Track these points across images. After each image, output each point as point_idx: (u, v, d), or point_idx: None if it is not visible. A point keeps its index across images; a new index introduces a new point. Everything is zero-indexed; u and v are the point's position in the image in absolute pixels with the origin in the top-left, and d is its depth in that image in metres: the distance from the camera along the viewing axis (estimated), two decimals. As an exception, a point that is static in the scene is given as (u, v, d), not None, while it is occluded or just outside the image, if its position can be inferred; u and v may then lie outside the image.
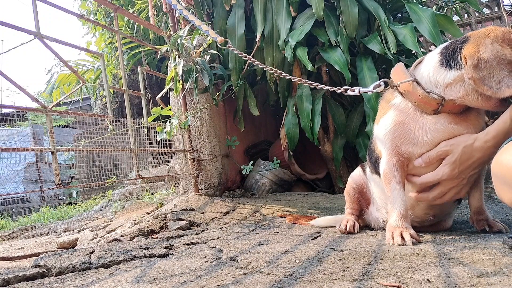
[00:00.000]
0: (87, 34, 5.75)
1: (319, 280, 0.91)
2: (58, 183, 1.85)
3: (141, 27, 4.53)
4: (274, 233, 1.66)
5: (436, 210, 1.38)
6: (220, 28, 3.09)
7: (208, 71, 2.72)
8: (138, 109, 5.50)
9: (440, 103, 1.17)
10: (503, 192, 1.03)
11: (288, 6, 2.82)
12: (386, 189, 1.29)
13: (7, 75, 1.67)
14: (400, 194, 1.25)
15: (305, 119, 2.87)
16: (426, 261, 0.98)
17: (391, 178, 1.26)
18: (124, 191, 3.98)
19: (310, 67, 2.68)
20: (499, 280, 0.79)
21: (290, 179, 3.27)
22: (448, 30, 2.75)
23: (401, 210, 1.24)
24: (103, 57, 2.42)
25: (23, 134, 7.97)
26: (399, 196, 1.25)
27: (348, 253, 1.16)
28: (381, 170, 1.31)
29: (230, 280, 0.96)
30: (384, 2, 2.93)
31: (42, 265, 1.24)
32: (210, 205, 2.49)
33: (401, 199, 1.25)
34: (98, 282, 1.05)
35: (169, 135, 2.67)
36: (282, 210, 2.32)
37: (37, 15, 1.82)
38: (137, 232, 1.88)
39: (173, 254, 1.36)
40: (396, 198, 1.25)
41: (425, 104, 1.18)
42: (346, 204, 1.64)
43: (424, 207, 1.36)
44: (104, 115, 2.53)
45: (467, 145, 1.15)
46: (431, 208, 1.36)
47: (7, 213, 6.19)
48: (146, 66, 4.58)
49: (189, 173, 2.86)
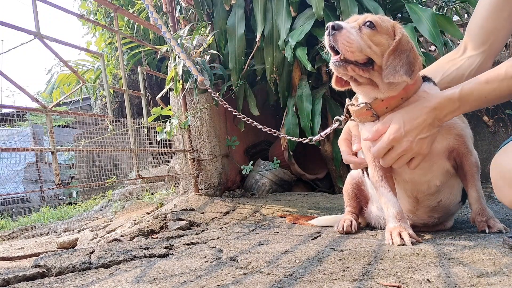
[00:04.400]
0: (87, 34, 5.75)
1: (319, 280, 0.91)
2: (58, 183, 1.85)
3: (141, 27, 4.53)
4: (274, 233, 1.66)
5: (441, 212, 1.39)
6: (220, 28, 3.09)
7: (208, 71, 2.72)
8: (138, 109, 5.50)
9: (369, 108, 1.23)
10: (503, 193, 1.03)
11: (288, 6, 2.82)
12: (378, 197, 1.34)
13: (7, 75, 1.67)
14: (390, 198, 1.28)
15: (305, 119, 2.87)
16: (426, 261, 0.98)
17: (378, 186, 1.31)
18: (124, 191, 3.98)
19: (309, 67, 2.68)
20: (499, 280, 0.79)
21: (290, 179, 3.27)
22: (448, 30, 2.75)
23: (396, 212, 1.26)
24: (103, 57, 2.42)
25: (23, 134, 7.97)
26: (390, 200, 1.28)
27: (348, 253, 1.16)
28: (370, 180, 1.37)
29: (230, 280, 0.96)
30: (384, 2, 2.93)
31: (42, 265, 1.24)
32: (210, 205, 2.49)
33: (392, 202, 1.27)
34: (98, 282, 1.05)
35: (169, 135, 2.68)
36: (282, 210, 2.32)
37: (37, 15, 1.82)
38: (137, 232, 1.88)
39: (173, 254, 1.36)
40: (388, 202, 1.28)
41: (362, 116, 1.28)
42: (346, 202, 1.64)
43: (427, 210, 1.37)
44: (104, 115, 2.53)
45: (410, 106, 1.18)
46: (435, 211, 1.37)
47: (7, 213, 6.19)
48: (146, 66, 4.59)
49: (189, 173, 2.86)
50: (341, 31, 1.16)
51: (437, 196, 1.34)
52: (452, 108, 1.13)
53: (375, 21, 1.19)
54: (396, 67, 1.15)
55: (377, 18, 1.22)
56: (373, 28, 1.19)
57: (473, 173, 1.27)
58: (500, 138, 3.57)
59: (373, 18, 1.20)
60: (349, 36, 1.15)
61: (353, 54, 1.16)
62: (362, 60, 1.18)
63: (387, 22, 1.23)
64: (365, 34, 1.19)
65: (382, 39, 1.19)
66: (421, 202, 1.36)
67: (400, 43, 1.18)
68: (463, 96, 1.11)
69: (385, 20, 1.23)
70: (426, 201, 1.35)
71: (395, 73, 1.14)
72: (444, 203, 1.36)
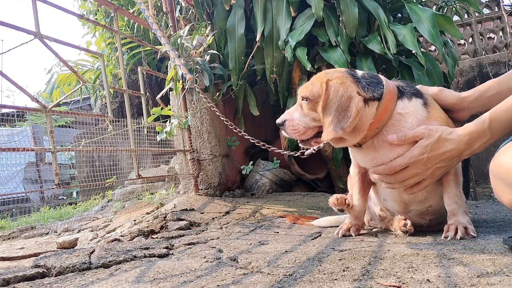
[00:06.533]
0: (87, 34, 5.76)
1: (319, 280, 0.91)
2: (58, 183, 1.85)
3: (141, 27, 4.53)
4: (274, 233, 1.66)
5: (431, 215, 1.39)
6: (220, 28, 3.09)
7: (208, 71, 2.72)
8: (138, 109, 5.50)
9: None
10: (502, 193, 1.03)
11: (288, 6, 2.82)
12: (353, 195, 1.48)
13: (7, 75, 1.67)
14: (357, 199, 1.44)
15: (305, 119, 2.86)
16: (426, 261, 0.98)
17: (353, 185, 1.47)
18: (124, 191, 3.98)
19: (309, 67, 2.68)
20: (499, 280, 0.79)
21: (290, 179, 3.27)
22: (448, 31, 2.75)
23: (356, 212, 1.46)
24: (103, 57, 2.42)
25: (23, 134, 7.98)
26: (356, 201, 1.44)
27: (348, 253, 1.16)
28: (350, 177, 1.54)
29: (230, 280, 0.96)
30: (384, 2, 2.93)
31: (42, 265, 1.24)
32: (210, 205, 2.49)
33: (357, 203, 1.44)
34: (98, 282, 1.05)
35: (169, 135, 2.68)
36: (282, 210, 2.32)
37: (37, 15, 1.82)
38: (137, 232, 1.88)
39: (173, 254, 1.36)
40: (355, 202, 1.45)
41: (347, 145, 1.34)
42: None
43: (418, 213, 1.38)
44: (104, 115, 2.53)
45: (443, 134, 1.15)
46: (425, 214, 1.38)
47: (7, 213, 6.19)
48: (146, 66, 4.59)
49: (189, 173, 2.86)
50: (285, 124, 1.32)
51: (425, 202, 1.35)
52: (483, 141, 1.12)
53: (305, 95, 1.27)
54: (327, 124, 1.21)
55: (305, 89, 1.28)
56: (308, 100, 1.27)
57: (449, 180, 1.26)
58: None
59: (303, 93, 1.28)
60: (292, 124, 1.30)
61: (305, 135, 1.29)
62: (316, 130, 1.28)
63: (315, 86, 1.26)
64: (305, 109, 1.28)
65: (318, 105, 1.24)
66: (410, 206, 1.37)
67: (326, 100, 1.21)
68: (493, 127, 1.09)
69: (315, 83, 1.27)
70: (414, 206, 1.36)
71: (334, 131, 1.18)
72: (434, 208, 1.36)
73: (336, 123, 1.18)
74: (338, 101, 1.19)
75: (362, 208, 1.47)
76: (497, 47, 5.78)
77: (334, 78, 1.23)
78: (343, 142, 1.28)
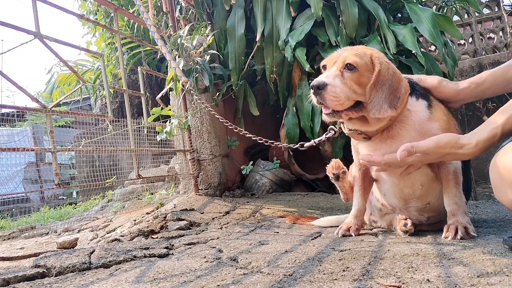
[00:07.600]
0: (87, 34, 5.76)
1: (319, 280, 0.91)
2: (58, 183, 1.85)
3: (141, 27, 4.53)
4: (274, 233, 1.66)
5: (430, 212, 1.40)
6: (220, 28, 3.09)
7: (208, 71, 2.72)
8: (138, 109, 5.50)
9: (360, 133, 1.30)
10: (502, 193, 1.03)
11: (288, 6, 2.82)
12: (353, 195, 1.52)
13: (7, 75, 1.67)
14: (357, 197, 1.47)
15: (305, 119, 2.86)
16: (426, 261, 0.98)
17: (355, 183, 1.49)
18: (124, 191, 3.98)
19: (307, 67, 2.68)
20: (499, 280, 0.79)
21: (290, 179, 3.27)
22: (448, 31, 2.75)
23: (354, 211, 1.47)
24: (103, 57, 2.42)
25: (23, 134, 7.98)
26: (356, 199, 1.47)
27: (348, 253, 1.16)
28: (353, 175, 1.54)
29: (230, 280, 0.96)
30: (384, 2, 2.93)
31: (42, 265, 1.24)
32: (210, 205, 2.49)
33: (356, 202, 1.47)
34: (98, 282, 1.05)
35: (169, 135, 2.68)
36: (282, 210, 2.32)
37: (37, 15, 1.82)
38: (137, 232, 1.88)
39: (173, 254, 1.36)
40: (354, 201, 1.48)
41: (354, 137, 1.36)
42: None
43: (417, 209, 1.40)
44: (104, 115, 2.53)
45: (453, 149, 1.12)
46: (425, 211, 1.40)
47: (7, 213, 6.19)
48: (146, 66, 4.59)
49: (189, 173, 2.86)
50: (326, 88, 1.18)
51: (424, 199, 1.36)
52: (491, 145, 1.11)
53: (354, 62, 1.19)
54: (379, 101, 1.16)
55: (355, 57, 1.20)
56: (353, 70, 1.19)
57: (448, 180, 1.27)
58: (500, 138, 3.56)
59: (352, 60, 1.19)
60: (334, 91, 1.17)
61: (342, 106, 1.19)
62: (351, 104, 1.21)
63: (365, 57, 1.21)
64: (347, 79, 1.19)
65: (364, 78, 1.19)
66: (409, 203, 1.39)
67: (379, 75, 1.18)
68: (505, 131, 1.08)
69: (361, 54, 1.21)
70: (413, 202, 1.38)
71: (380, 109, 1.16)
72: (433, 206, 1.37)
73: (390, 102, 1.15)
74: (390, 79, 1.17)
75: (362, 208, 1.48)
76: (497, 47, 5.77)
77: (382, 57, 1.22)
78: (367, 125, 1.24)
